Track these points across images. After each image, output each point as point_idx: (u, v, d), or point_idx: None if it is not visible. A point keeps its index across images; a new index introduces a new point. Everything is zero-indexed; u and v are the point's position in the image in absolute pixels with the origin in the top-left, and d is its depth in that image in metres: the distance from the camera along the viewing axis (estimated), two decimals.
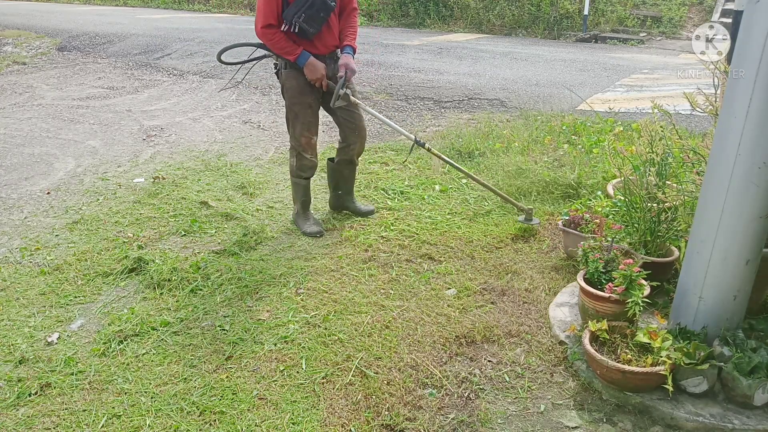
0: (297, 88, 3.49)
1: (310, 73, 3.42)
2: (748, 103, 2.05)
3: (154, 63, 9.22)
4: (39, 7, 17.14)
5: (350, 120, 3.68)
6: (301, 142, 3.59)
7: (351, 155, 3.81)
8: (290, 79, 3.48)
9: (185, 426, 2.20)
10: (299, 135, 3.58)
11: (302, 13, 3.27)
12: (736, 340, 2.26)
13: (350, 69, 3.48)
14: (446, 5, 14.20)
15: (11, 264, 3.37)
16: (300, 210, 3.81)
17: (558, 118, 5.66)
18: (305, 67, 3.40)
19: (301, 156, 3.64)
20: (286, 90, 3.53)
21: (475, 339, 2.69)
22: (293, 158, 3.68)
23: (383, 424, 2.21)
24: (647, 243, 2.94)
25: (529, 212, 3.68)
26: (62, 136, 5.78)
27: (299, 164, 3.67)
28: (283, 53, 3.38)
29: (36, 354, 2.58)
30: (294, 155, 3.67)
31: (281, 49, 3.37)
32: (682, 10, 12.73)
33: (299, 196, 3.78)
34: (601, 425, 2.22)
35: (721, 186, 2.18)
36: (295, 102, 3.52)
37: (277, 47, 3.37)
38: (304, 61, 3.39)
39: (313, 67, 3.41)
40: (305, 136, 3.59)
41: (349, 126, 3.70)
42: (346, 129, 3.72)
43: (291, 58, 3.38)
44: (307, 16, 3.29)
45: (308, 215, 3.82)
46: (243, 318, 2.86)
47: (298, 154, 3.64)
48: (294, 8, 3.26)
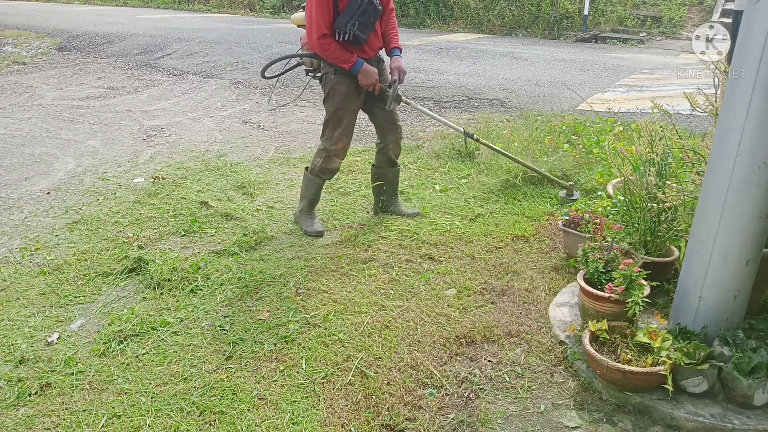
0: (345, 94, 3.49)
1: (365, 79, 3.44)
2: (748, 103, 2.05)
3: (154, 63, 9.22)
4: (39, 7, 17.14)
5: (389, 120, 3.72)
6: (337, 146, 3.60)
7: (389, 155, 3.83)
8: (340, 85, 3.48)
9: (185, 426, 2.20)
10: (337, 139, 3.58)
11: (355, 21, 3.28)
12: (736, 340, 2.26)
13: (402, 71, 3.55)
14: (446, 5, 14.20)
15: (11, 264, 3.37)
16: (305, 208, 3.81)
17: (558, 118, 5.66)
18: (360, 74, 3.41)
19: (331, 159, 3.65)
20: (334, 95, 3.51)
21: (475, 339, 2.69)
22: (320, 159, 3.67)
23: (383, 424, 2.21)
24: (647, 243, 2.94)
25: (570, 188, 3.83)
26: (62, 136, 5.78)
27: (324, 167, 3.67)
28: (338, 62, 3.38)
29: (36, 354, 2.58)
30: (322, 156, 3.66)
31: (336, 58, 3.36)
32: (682, 10, 12.73)
33: (310, 193, 3.78)
34: (601, 425, 2.22)
35: (721, 186, 2.18)
36: (341, 107, 3.52)
37: (333, 57, 3.36)
38: (359, 68, 3.40)
39: (368, 73, 3.43)
40: (343, 141, 3.60)
41: (388, 126, 3.74)
42: (385, 129, 3.75)
43: (347, 66, 3.38)
44: (360, 24, 3.30)
45: (312, 214, 3.82)
46: (243, 318, 2.86)
47: (328, 156, 3.64)
48: (346, 17, 3.27)
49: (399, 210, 3.98)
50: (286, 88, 7.58)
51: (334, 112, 3.55)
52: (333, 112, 3.55)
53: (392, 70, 3.56)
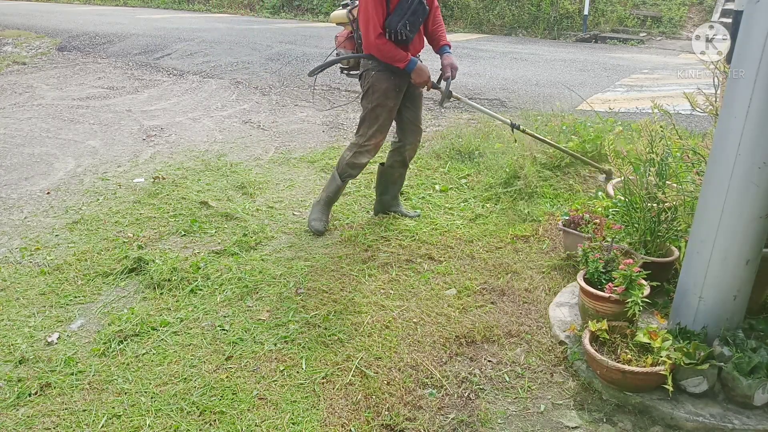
0: (386, 91, 3.48)
1: (418, 77, 3.43)
2: (748, 103, 2.05)
3: (154, 63, 9.22)
4: (39, 7, 17.14)
5: (413, 121, 3.72)
6: (371, 141, 3.60)
7: (404, 155, 3.82)
8: (381, 81, 3.46)
9: (185, 426, 2.20)
10: (371, 135, 3.58)
11: (406, 21, 3.28)
12: (736, 340, 2.26)
13: (455, 68, 3.58)
14: (446, 5, 14.20)
15: (11, 264, 3.37)
16: (323, 202, 3.80)
17: (558, 118, 5.66)
18: (414, 72, 3.41)
19: (361, 155, 3.63)
20: (374, 91, 3.49)
21: (475, 339, 2.69)
22: (349, 153, 3.66)
23: (383, 424, 2.21)
24: (647, 243, 2.94)
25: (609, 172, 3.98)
26: (62, 136, 5.78)
27: (352, 161, 3.65)
28: (393, 61, 3.37)
29: (36, 354, 2.58)
30: (352, 151, 3.65)
31: (392, 57, 3.35)
32: (682, 10, 12.73)
33: (330, 193, 3.77)
34: (601, 425, 2.22)
35: (721, 186, 2.18)
36: (380, 104, 3.51)
37: (388, 56, 3.35)
38: (413, 66, 3.40)
39: (421, 71, 3.43)
40: (378, 137, 3.60)
41: (411, 127, 3.73)
42: (407, 129, 3.74)
43: (402, 65, 3.37)
44: (410, 23, 3.31)
45: (325, 211, 3.81)
46: (243, 318, 2.86)
47: (359, 152, 3.63)
48: (397, 16, 3.26)
49: (400, 211, 3.98)
50: (286, 88, 7.58)
51: (372, 109, 3.53)
52: (371, 109, 3.53)
53: (444, 67, 3.56)
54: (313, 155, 5.20)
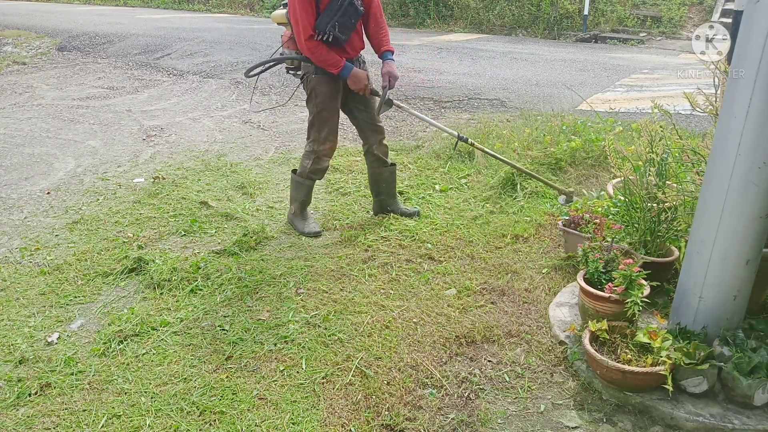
0: (328, 94, 3.47)
1: (354, 84, 3.41)
2: (748, 103, 2.05)
3: (154, 63, 9.22)
4: (39, 7, 17.14)
5: (368, 120, 3.70)
6: (326, 146, 3.59)
7: (377, 155, 3.80)
8: (322, 85, 3.45)
9: (185, 426, 2.20)
10: (325, 139, 3.57)
11: (335, 22, 3.25)
12: (736, 340, 2.26)
13: (393, 76, 3.49)
14: (446, 5, 14.20)
15: (11, 264, 3.37)
16: (298, 210, 3.81)
17: (558, 118, 5.66)
18: (349, 79, 3.39)
19: (320, 160, 3.64)
20: (316, 95, 3.48)
21: (475, 339, 2.69)
22: (308, 161, 3.65)
23: (383, 424, 2.21)
24: (647, 243, 2.94)
25: (570, 194, 3.84)
26: (62, 136, 5.78)
27: (314, 167, 3.66)
28: (326, 66, 3.34)
29: (36, 354, 2.58)
30: (311, 158, 3.64)
31: (325, 61, 3.33)
32: (682, 10, 12.73)
33: (301, 196, 3.77)
34: (601, 425, 2.22)
35: (721, 186, 2.18)
36: (325, 107, 3.50)
37: (321, 60, 3.33)
38: (347, 73, 3.37)
39: (357, 77, 3.40)
40: (330, 141, 3.60)
41: (369, 127, 3.72)
42: (366, 130, 3.73)
43: (335, 71, 3.34)
44: (340, 24, 3.28)
45: (306, 215, 3.82)
46: (243, 318, 2.86)
47: (317, 158, 3.63)
48: (327, 17, 3.24)
49: (399, 209, 3.97)
50: (286, 88, 7.58)
51: (318, 113, 3.53)
52: (317, 113, 3.53)
53: (383, 76, 3.48)
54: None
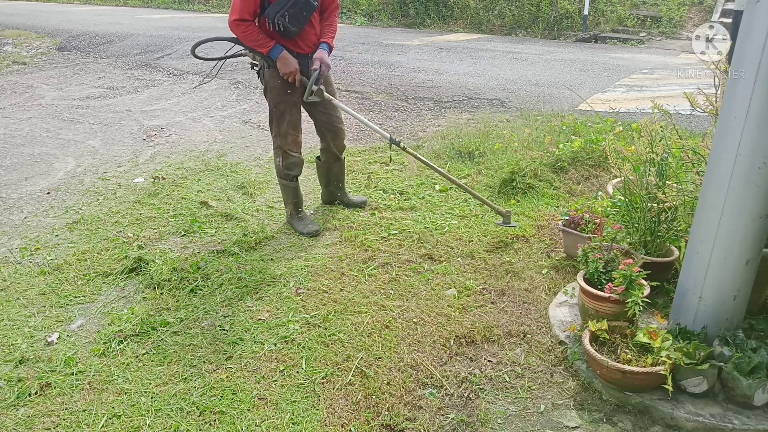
0: (282, 86, 3.47)
1: (283, 67, 3.39)
2: (748, 103, 2.05)
3: (154, 63, 9.22)
4: (39, 7, 17.14)
5: (327, 121, 3.74)
6: (287, 140, 3.60)
7: (334, 152, 3.87)
8: (274, 78, 3.46)
9: (185, 426, 2.20)
10: (285, 133, 3.58)
11: (285, 12, 3.25)
12: (736, 340, 2.26)
13: (325, 63, 3.48)
14: (446, 5, 14.20)
15: (11, 264, 3.37)
16: (293, 211, 3.82)
17: (558, 118, 5.66)
18: (278, 61, 3.37)
19: (287, 154, 3.64)
20: (271, 89, 3.50)
21: (475, 339, 2.69)
22: (279, 158, 3.67)
23: (383, 424, 2.21)
24: (647, 243, 2.94)
25: (507, 215, 3.59)
26: (62, 136, 5.78)
27: (286, 162, 3.66)
28: (255, 45, 3.35)
29: (36, 354, 2.58)
30: (280, 154, 3.66)
31: (254, 41, 3.33)
32: (682, 10, 12.73)
33: (290, 198, 3.78)
34: (601, 425, 2.22)
35: (721, 186, 2.18)
36: (280, 100, 3.51)
37: (249, 39, 3.33)
38: (277, 54, 3.36)
39: (287, 61, 3.38)
40: (291, 134, 3.60)
41: (328, 127, 3.76)
42: (325, 131, 3.78)
43: (264, 50, 3.35)
44: (290, 15, 3.27)
45: (302, 215, 3.82)
46: (243, 318, 2.86)
47: (284, 152, 3.64)
48: (276, 6, 3.25)
49: (347, 199, 4.07)
50: None
51: (275, 106, 3.54)
52: (275, 106, 3.54)
53: (314, 60, 3.49)
54: (313, 155, 5.19)
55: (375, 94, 7.30)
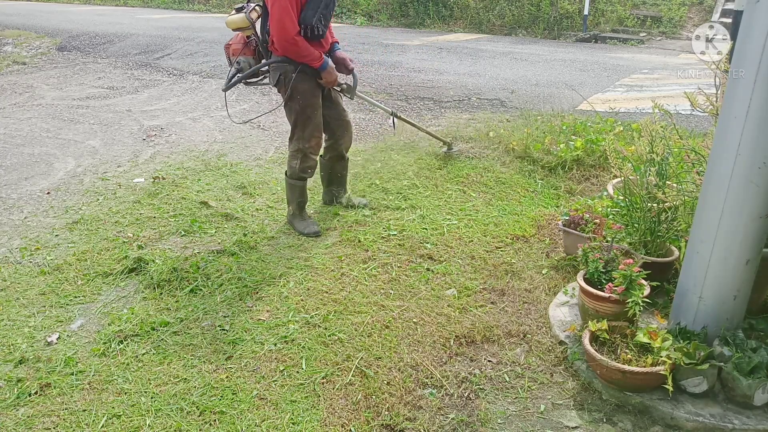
0: (310, 91, 3.47)
1: (329, 76, 3.42)
2: (748, 103, 2.05)
3: (154, 63, 9.22)
4: (39, 7, 17.13)
5: (338, 117, 3.74)
6: (311, 143, 3.59)
7: (340, 150, 3.87)
8: (303, 83, 3.44)
9: (185, 426, 2.20)
10: (310, 137, 3.57)
11: (320, 15, 3.26)
12: (736, 340, 2.26)
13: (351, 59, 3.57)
14: (446, 5, 14.20)
15: (11, 264, 3.37)
16: (296, 211, 3.81)
17: (558, 118, 5.66)
18: (325, 72, 3.39)
19: (307, 158, 3.63)
20: (299, 94, 3.45)
21: (475, 339, 2.69)
22: (297, 160, 3.64)
23: (383, 424, 2.21)
24: (647, 243, 2.94)
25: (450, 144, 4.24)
26: (62, 136, 5.78)
27: (303, 166, 3.65)
28: (306, 60, 3.34)
29: (36, 354, 2.58)
30: (299, 157, 3.63)
31: (306, 56, 3.31)
32: (682, 10, 12.73)
33: (296, 197, 3.77)
34: (601, 425, 2.22)
35: (721, 186, 2.18)
36: (308, 104, 3.50)
37: (304, 55, 3.31)
38: (326, 66, 3.38)
39: (333, 71, 3.43)
40: (316, 138, 3.60)
41: (338, 122, 3.76)
42: (335, 124, 3.76)
43: (316, 64, 3.34)
44: (324, 17, 3.30)
45: (304, 216, 3.82)
46: (243, 318, 2.86)
47: (304, 155, 3.62)
48: (311, 10, 3.23)
49: (349, 201, 4.04)
50: None
51: (302, 110, 3.51)
52: (300, 111, 3.51)
53: (343, 61, 3.54)
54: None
55: (375, 94, 7.30)
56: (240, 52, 3.50)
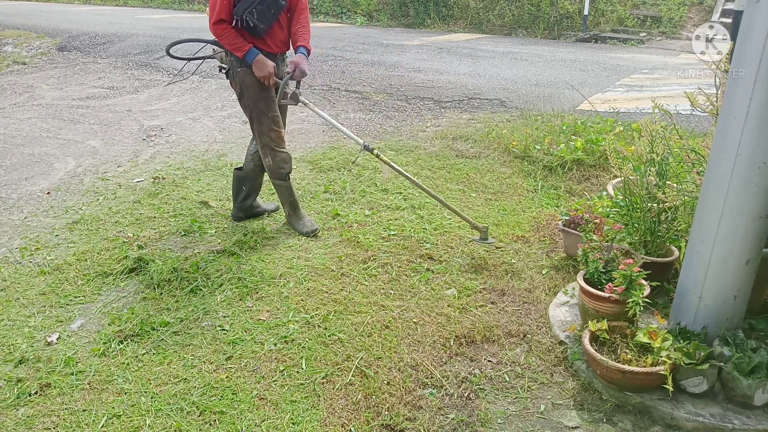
0: (258, 85, 3.45)
1: (258, 70, 3.38)
2: (748, 103, 2.05)
3: (154, 63, 9.22)
4: (39, 7, 17.14)
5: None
6: (271, 137, 3.56)
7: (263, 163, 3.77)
8: (249, 76, 3.43)
9: (185, 426, 2.20)
10: (268, 130, 3.54)
11: (253, 9, 3.26)
12: (736, 340, 2.26)
13: (300, 69, 3.43)
14: (446, 5, 14.21)
15: (11, 264, 3.37)
16: (291, 211, 3.80)
17: (558, 118, 5.66)
18: (254, 64, 3.37)
19: (274, 151, 3.59)
20: (247, 88, 3.46)
21: (475, 339, 2.69)
22: (268, 157, 3.61)
23: (383, 424, 2.21)
24: (647, 243, 2.94)
25: (484, 231, 3.46)
26: (62, 136, 5.78)
27: (275, 160, 3.61)
28: (232, 49, 3.36)
29: (36, 354, 2.58)
30: (268, 153, 3.59)
31: (231, 44, 3.34)
32: (682, 10, 12.73)
33: (286, 198, 3.76)
34: (601, 425, 2.22)
35: (721, 186, 2.18)
36: (258, 98, 3.48)
37: (228, 42, 3.34)
38: (252, 57, 3.36)
39: (262, 64, 3.37)
40: (274, 131, 3.56)
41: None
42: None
43: (240, 54, 3.35)
44: (258, 12, 3.28)
45: (300, 215, 3.81)
46: (243, 318, 2.86)
47: (271, 150, 3.58)
48: (245, 4, 3.25)
49: (262, 209, 4.00)
50: None
51: (254, 104, 3.49)
52: (253, 105, 3.50)
53: (290, 64, 3.48)
54: (312, 155, 5.20)
55: (375, 94, 7.30)
56: None
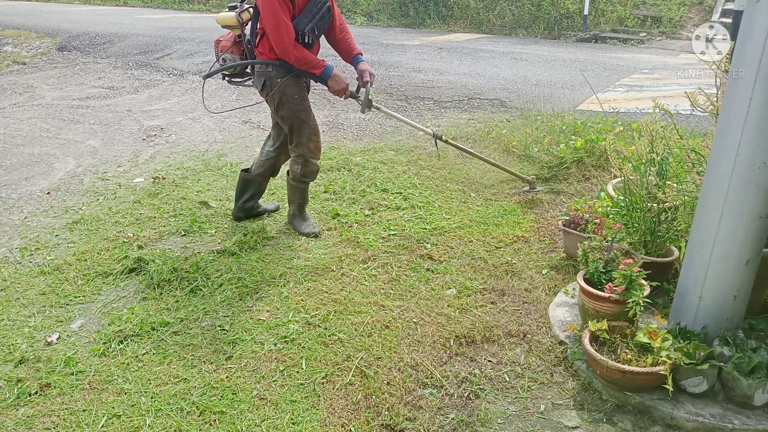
0: (299, 94, 3.43)
1: (336, 85, 3.36)
2: (748, 103, 2.05)
3: (154, 63, 9.22)
4: (39, 7, 17.13)
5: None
6: (310, 147, 3.53)
7: (277, 166, 3.80)
8: (291, 87, 3.39)
9: (185, 426, 2.20)
10: (307, 141, 3.51)
11: (314, 25, 3.24)
12: (736, 340, 2.26)
13: (372, 74, 3.51)
14: (446, 5, 14.20)
15: (11, 264, 3.37)
16: (296, 211, 3.80)
17: (558, 118, 5.66)
18: (331, 79, 3.35)
19: (308, 162, 3.57)
20: (288, 98, 3.40)
21: (475, 339, 2.69)
22: (298, 165, 3.58)
23: (383, 424, 2.21)
24: (647, 243, 2.94)
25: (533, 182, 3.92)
26: (62, 136, 5.78)
27: (305, 171, 3.59)
28: (309, 68, 3.31)
29: (36, 354, 2.58)
30: (300, 162, 3.57)
31: (308, 63, 3.28)
32: (682, 10, 12.73)
33: (297, 198, 3.75)
34: (601, 425, 2.22)
35: (721, 186, 2.18)
36: (300, 108, 3.44)
37: (304, 63, 3.28)
38: (330, 73, 3.34)
39: (339, 79, 3.36)
40: (314, 141, 3.54)
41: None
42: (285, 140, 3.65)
43: (318, 71, 3.31)
44: (317, 28, 3.27)
45: (305, 216, 3.81)
46: (243, 318, 2.86)
47: (305, 160, 3.56)
48: (305, 19, 3.21)
49: (263, 209, 3.98)
50: None
51: (295, 115, 3.45)
52: (294, 115, 3.45)
53: (362, 72, 3.48)
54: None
55: (375, 94, 7.30)
56: (228, 49, 3.49)
